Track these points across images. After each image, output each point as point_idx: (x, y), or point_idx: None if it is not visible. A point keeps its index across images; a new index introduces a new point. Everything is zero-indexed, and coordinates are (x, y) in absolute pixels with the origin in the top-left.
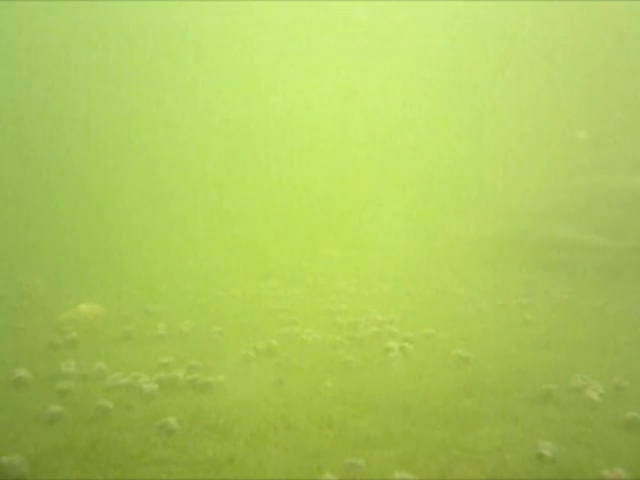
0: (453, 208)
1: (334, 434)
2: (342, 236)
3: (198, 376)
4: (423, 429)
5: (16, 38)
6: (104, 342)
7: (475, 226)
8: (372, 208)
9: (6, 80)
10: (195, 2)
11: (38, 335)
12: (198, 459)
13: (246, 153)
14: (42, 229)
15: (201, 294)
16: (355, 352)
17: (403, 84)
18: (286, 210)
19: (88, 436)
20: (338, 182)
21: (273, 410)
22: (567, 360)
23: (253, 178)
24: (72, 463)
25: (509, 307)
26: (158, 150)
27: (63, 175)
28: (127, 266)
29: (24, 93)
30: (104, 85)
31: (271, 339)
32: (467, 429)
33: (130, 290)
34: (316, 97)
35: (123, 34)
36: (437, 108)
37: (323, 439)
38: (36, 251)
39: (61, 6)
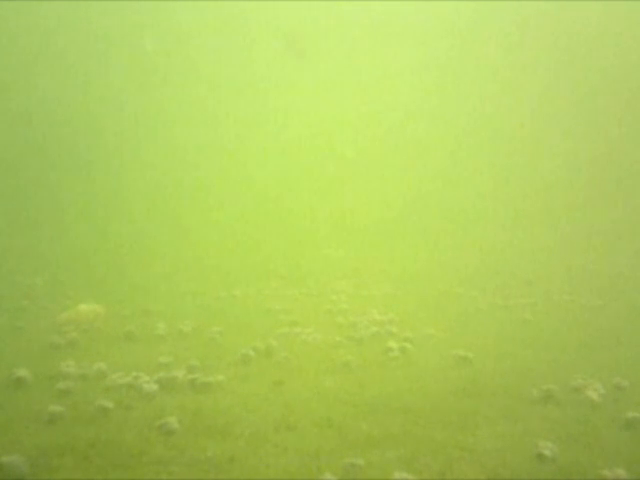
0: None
1: (334, 434)
2: (342, 236)
3: (198, 376)
4: (423, 429)
5: (15, 38)
6: (104, 342)
7: None
8: (372, 208)
9: (6, 79)
10: (195, 2)
11: (38, 335)
12: (198, 459)
13: (246, 152)
14: (42, 229)
15: (201, 294)
16: (355, 352)
17: (403, 83)
18: (286, 210)
19: (88, 436)
20: (338, 182)
21: (273, 410)
22: (567, 360)
23: (253, 177)
24: (72, 463)
25: (509, 307)
26: (158, 149)
27: (63, 174)
28: (127, 266)
29: (24, 92)
30: (104, 84)
31: (271, 339)
32: (467, 429)
33: (130, 290)
34: (316, 96)
35: (122, 34)
36: (437, 108)
37: (323, 439)
38: (36, 251)
39: (61, 6)
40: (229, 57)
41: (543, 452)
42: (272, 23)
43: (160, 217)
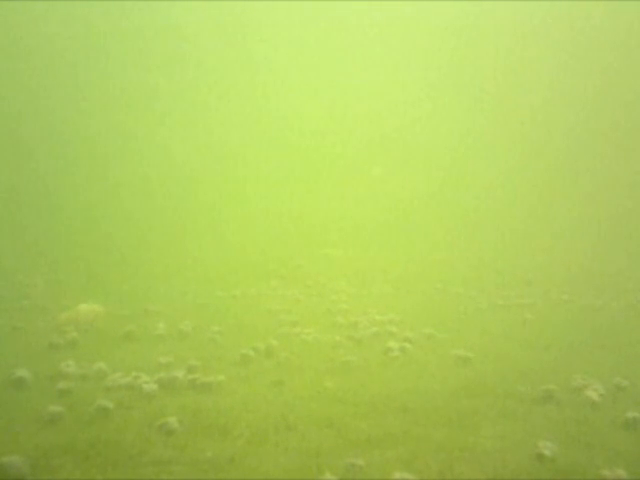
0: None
1: (334, 434)
2: (342, 236)
3: (198, 376)
4: (423, 429)
5: (15, 37)
6: (104, 342)
7: None
8: (372, 208)
9: (5, 79)
10: (195, 2)
11: (38, 335)
12: (198, 459)
13: (246, 152)
14: (42, 229)
15: (201, 294)
16: (355, 352)
17: (403, 84)
18: (287, 210)
19: (88, 436)
20: (339, 182)
21: (273, 410)
22: (567, 360)
23: (253, 178)
24: (72, 463)
25: (509, 307)
26: (158, 150)
27: (63, 175)
28: (127, 266)
29: (23, 92)
30: (103, 84)
31: (271, 339)
32: (467, 429)
33: (130, 290)
34: (316, 97)
35: (123, 34)
36: (438, 109)
37: (323, 439)
38: (36, 251)
39: (61, 6)
40: (231, 57)
41: (543, 452)
42: (275, 24)
43: (160, 217)
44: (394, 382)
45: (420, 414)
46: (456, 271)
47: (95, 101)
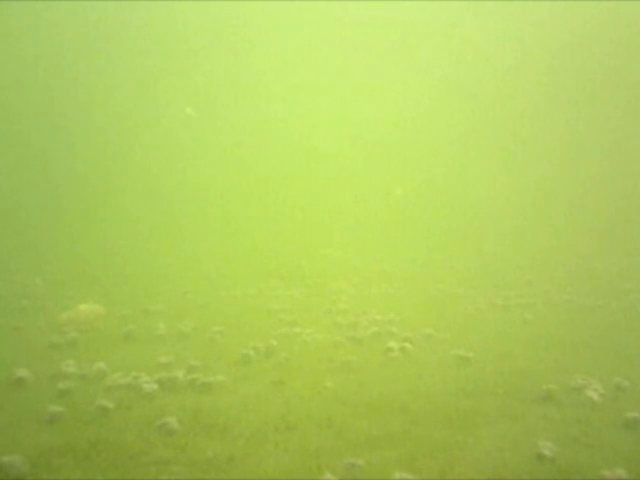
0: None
1: (334, 434)
2: (342, 236)
3: (198, 376)
4: (423, 429)
5: (16, 37)
6: (104, 342)
7: None
8: (372, 208)
9: (7, 81)
10: (195, 2)
11: (38, 335)
12: (198, 459)
13: (246, 153)
14: (42, 229)
15: (201, 294)
16: (355, 352)
17: (404, 85)
18: (286, 210)
19: (88, 436)
20: (338, 182)
21: (273, 410)
22: (567, 360)
23: (253, 178)
24: (72, 463)
25: (509, 307)
26: (158, 150)
27: (63, 175)
28: (127, 266)
29: (24, 92)
30: (104, 85)
31: (271, 339)
32: (467, 429)
33: (130, 290)
34: (316, 97)
35: (123, 34)
36: (438, 110)
37: (323, 439)
38: (36, 251)
39: (62, 6)
40: (234, 58)
41: (543, 452)
42: (278, 24)
43: (160, 217)
44: (394, 382)
45: (420, 414)
46: (456, 271)
47: (95, 102)
